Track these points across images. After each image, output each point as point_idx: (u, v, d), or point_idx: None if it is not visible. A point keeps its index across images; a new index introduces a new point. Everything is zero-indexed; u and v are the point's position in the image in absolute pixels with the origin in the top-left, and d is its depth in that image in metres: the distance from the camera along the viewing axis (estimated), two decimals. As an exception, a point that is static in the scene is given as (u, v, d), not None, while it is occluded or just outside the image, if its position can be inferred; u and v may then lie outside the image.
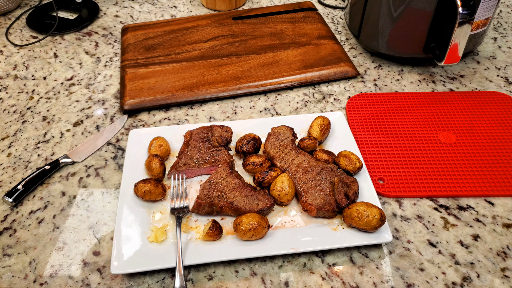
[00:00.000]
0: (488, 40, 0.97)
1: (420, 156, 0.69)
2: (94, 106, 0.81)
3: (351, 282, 0.54)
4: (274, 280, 0.54)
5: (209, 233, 0.56)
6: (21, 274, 0.56)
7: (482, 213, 0.62)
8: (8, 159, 0.71)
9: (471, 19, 0.71)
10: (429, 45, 0.81)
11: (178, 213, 0.59)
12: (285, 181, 0.61)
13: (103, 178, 0.68)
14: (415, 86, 0.84)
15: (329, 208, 0.59)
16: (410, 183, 0.65)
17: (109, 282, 0.55)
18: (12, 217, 0.63)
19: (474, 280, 0.54)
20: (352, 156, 0.64)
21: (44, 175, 0.67)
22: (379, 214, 0.55)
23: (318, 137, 0.69)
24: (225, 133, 0.69)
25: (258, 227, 0.55)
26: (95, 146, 0.73)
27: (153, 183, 0.61)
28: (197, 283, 0.54)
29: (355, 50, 0.95)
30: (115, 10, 1.09)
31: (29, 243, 0.59)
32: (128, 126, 0.77)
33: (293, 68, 0.85)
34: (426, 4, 0.76)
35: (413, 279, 0.54)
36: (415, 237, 0.59)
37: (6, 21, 1.05)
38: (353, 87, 0.85)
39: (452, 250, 0.57)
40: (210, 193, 0.60)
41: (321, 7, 1.10)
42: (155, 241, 0.57)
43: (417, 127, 0.75)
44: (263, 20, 1.00)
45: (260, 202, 0.59)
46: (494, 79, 0.86)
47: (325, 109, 0.80)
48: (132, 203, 0.61)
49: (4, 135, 0.76)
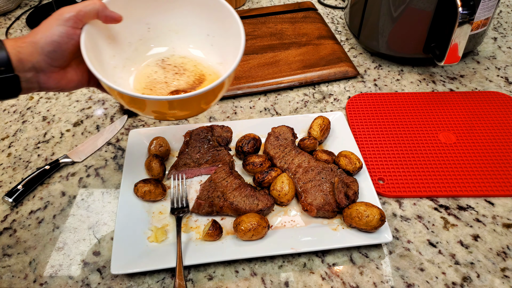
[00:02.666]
0: (488, 40, 0.97)
1: (420, 156, 0.69)
2: (94, 106, 0.81)
3: (351, 282, 0.54)
4: (274, 280, 0.54)
5: (209, 233, 0.56)
6: (21, 274, 0.56)
7: (482, 213, 0.62)
8: (8, 159, 0.71)
9: (471, 19, 0.71)
10: (429, 45, 0.81)
11: (178, 213, 0.59)
12: (285, 181, 0.61)
13: (103, 178, 0.68)
14: (415, 86, 0.84)
15: (329, 208, 0.59)
16: (410, 183, 0.65)
17: (109, 282, 0.55)
18: (12, 217, 0.63)
19: (474, 280, 0.54)
20: (352, 156, 0.64)
21: (44, 175, 0.67)
22: (379, 214, 0.55)
23: (318, 137, 0.69)
24: (225, 133, 0.69)
25: (258, 227, 0.55)
26: (95, 146, 0.73)
27: (153, 183, 0.61)
28: (197, 283, 0.54)
29: (355, 50, 0.95)
30: (115, 10, 1.08)
31: (29, 243, 0.59)
32: (128, 126, 0.77)
33: (293, 68, 0.85)
34: (426, 4, 0.76)
35: (413, 279, 0.54)
36: (415, 237, 0.59)
37: (6, 21, 1.05)
38: (353, 87, 0.85)
39: (452, 250, 0.57)
40: (210, 193, 0.60)
41: (321, 7, 1.10)
42: (155, 241, 0.57)
43: (417, 127, 0.75)
44: (263, 20, 1.00)
45: (260, 202, 0.59)
46: (494, 79, 0.86)
47: (325, 109, 0.80)
48: (132, 203, 0.61)
49: (4, 135, 0.76)
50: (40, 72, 0.48)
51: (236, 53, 0.53)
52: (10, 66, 0.45)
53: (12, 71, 0.45)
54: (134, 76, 0.59)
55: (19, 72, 0.46)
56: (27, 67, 0.46)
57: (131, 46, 0.59)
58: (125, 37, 0.58)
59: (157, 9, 0.58)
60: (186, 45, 0.62)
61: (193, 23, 0.60)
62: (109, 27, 0.54)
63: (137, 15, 0.57)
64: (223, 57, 0.59)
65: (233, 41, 0.55)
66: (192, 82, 0.58)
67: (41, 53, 0.46)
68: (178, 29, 0.61)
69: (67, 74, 0.51)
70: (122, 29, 0.56)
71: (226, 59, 0.59)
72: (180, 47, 0.62)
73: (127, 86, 0.57)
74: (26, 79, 0.47)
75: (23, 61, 0.46)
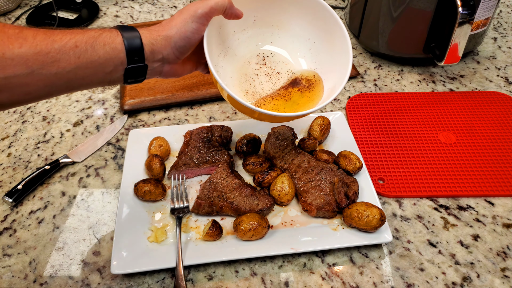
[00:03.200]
0: (488, 40, 0.97)
1: (420, 156, 0.69)
2: (94, 106, 0.81)
3: (351, 282, 0.54)
4: (274, 280, 0.54)
5: (209, 233, 0.56)
6: (21, 274, 0.56)
7: (482, 213, 0.62)
8: (8, 159, 0.71)
9: (471, 19, 0.71)
10: (429, 45, 0.81)
11: (178, 213, 0.59)
12: (285, 181, 0.61)
13: (103, 178, 0.68)
14: (415, 86, 0.84)
15: (329, 208, 0.59)
16: (410, 183, 0.65)
17: (109, 282, 0.55)
18: (12, 217, 0.63)
19: (474, 280, 0.54)
20: (352, 156, 0.64)
21: (44, 175, 0.67)
22: (379, 214, 0.55)
23: (318, 137, 0.69)
24: (225, 133, 0.69)
25: (258, 227, 0.55)
26: (95, 146, 0.73)
27: (153, 183, 0.61)
28: (197, 283, 0.54)
29: (355, 50, 0.94)
30: (115, 10, 1.09)
31: (29, 243, 0.59)
32: (128, 126, 0.77)
33: (293, 68, 0.85)
34: (426, 4, 0.76)
35: (413, 279, 0.54)
36: (415, 237, 0.59)
37: (6, 21, 1.05)
38: (353, 87, 0.85)
39: (452, 250, 0.57)
40: (210, 193, 0.60)
41: (321, 7, 1.09)
42: (155, 241, 0.57)
43: (417, 127, 0.75)
44: (263, 20, 1.00)
45: (260, 202, 0.59)
46: (494, 79, 0.86)
47: (325, 109, 0.80)
48: (132, 203, 0.61)
49: (4, 135, 0.76)
50: (166, 63, 0.51)
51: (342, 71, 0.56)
52: (143, 56, 0.47)
53: (143, 61, 0.47)
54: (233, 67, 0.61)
55: (149, 62, 0.48)
56: (157, 58, 0.49)
57: (235, 35, 0.61)
58: (231, 27, 0.60)
59: (267, 4, 0.60)
60: (284, 44, 0.63)
61: (296, 24, 0.62)
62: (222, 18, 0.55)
63: (248, 8, 0.58)
64: (320, 64, 0.62)
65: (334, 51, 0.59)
66: (286, 83, 0.62)
67: (173, 47, 0.49)
68: (281, 25, 0.62)
69: (185, 64, 0.54)
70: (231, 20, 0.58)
71: (322, 67, 0.61)
72: (278, 44, 0.64)
73: (226, 74, 0.60)
74: (153, 68, 0.50)
75: (155, 52, 0.48)
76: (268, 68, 0.62)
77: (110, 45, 0.45)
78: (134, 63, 0.47)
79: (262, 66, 0.62)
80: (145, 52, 0.47)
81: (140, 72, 0.48)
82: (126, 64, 0.46)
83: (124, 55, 0.46)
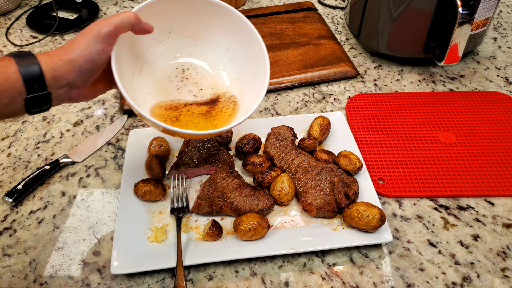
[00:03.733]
0: (488, 40, 0.97)
1: (420, 156, 0.69)
2: (94, 106, 0.81)
3: (351, 282, 0.54)
4: (274, 280, 0.54)
5: (209, 233, 0.56)
6: (21, 274, 0.56)
7: (482, 213, 0.62)
8: (8, 159, 0.71)
9: (471, 19, 0.71)
10: (429, 45, 0.81)
11: (178, 213, 0.59)
12: (285, 181, 0.61)
13: (103, 178, 0.68)
14: (415, 86, 0.84)
15: (329, 208, 0.59)
16: (410, 183, 0.65)
17: (109, 282, 0.55)
18: (12, 217, 0.63)
19: (474, 280, 0.54)
20: (352, 156, 0.64)
21: (44, 175, 0.67)
22: (379, 214, 0.55)
23: (318, 137, 0.69)
24: (225, 133, 0.69)
25: (258, 227, 0.55)
26: (95, 146, 0.73)
27: (153, 183, 0.61)
28: (197, 283, 0.54)
29: (355, 50, 0.95)
30: (115, 10, 1.09)
31: (29, 243, 0.59)
32: (128, 126, 0.77)
33: (293, 68, 0.85)
34: (426, 4, 0.76)
35: (413, 279, 0.54)
36: (415, 237, 0.59)
37: (6, 21, 1.05)
38: (353, 87, 0.85)
39: (452, 250, 0.57)
40: (210, 193, 0.60)
41: (321, 7, 1.10)
42: (155, 241, 0.57)
43: (417, 127, 0.75)
44: (263, 20, 1.00)
45: (260, 202, 0.59)
46: (494, 79, 0.86)
47: (325, 109, 0.80)
48: (132, 203, 0.61)
49: (4, 135, 0.76)
50: (73, 88, 0.47)
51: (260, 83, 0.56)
52: (44, 83, 0.44)
53: (45, 89, 0.44)
54: (151, 82, 0.59)
55: (52, 89, 0.45)
56: (61, 84, 0.46)
57: (150, 49, 0.59)
58: (145, 41, 0.58)
59: (182, 17, 0.58)
60: (203, 55, 0.62)
61: (213, 33, 0.60)
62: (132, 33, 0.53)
63: (161, 21, 0.56)
64: (240, 75, 0.60)
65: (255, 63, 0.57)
66: (208, 99, 0.60)
67: (78, 71, 0.46)
68: (198, 37, 0.61)
69: (96, 87, 0.52)
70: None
71: (243, 77, 0.60)
72: (197, 56, 0.62)
73: (144, 91, 0.57)
74: (58, 94, 0.46)
75: (58, 78, 0.45)
76: (190, 83, 0.60)
77: (3, 75, 0.42)
78: (34, 92, 0.43)
79: (184, 80, 0.60)
80: (46, 79, 0.44)
81: (43, 101, 0.45)
82: (25, 94, 0.43)
83: (22, 84, 0.42)
